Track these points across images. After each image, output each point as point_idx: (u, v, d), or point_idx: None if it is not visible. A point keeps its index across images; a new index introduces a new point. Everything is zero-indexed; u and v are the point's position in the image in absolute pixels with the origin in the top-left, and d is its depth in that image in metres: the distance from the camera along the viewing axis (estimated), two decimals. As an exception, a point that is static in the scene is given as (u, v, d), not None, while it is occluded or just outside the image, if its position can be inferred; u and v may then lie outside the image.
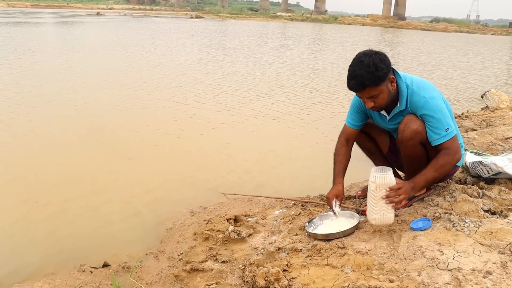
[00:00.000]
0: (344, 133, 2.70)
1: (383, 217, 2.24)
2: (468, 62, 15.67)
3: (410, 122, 2.37)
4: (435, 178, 2.32)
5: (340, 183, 2.59)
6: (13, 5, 70.69)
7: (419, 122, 2.36)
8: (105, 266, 2.56)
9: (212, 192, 3.63)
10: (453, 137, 2.31)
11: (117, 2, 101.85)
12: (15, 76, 8.65)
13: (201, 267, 2.40)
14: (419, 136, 2.36)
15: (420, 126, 2.35)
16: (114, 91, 7.66)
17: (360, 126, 2.68)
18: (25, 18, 35.19)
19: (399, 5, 65.98)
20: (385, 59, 2.28)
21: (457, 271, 1.82)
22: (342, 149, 2.67)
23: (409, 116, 2.40)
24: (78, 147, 4.68)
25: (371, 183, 2.24)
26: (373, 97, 2.32)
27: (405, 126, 2.38)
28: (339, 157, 2.66)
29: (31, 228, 3.01)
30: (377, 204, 2.23)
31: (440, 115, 2.29)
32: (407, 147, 2.43)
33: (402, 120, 2.42)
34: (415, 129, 2.35)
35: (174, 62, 12.02)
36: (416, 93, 2.35)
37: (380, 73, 2.24)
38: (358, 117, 2.65)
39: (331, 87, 9.00)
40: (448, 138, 2.29)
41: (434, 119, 2.30)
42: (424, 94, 2.33)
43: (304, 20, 58.46)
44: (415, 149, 2.41)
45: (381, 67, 2.24)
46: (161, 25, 33.42)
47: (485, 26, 58.43)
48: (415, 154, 2.43)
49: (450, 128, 2.30)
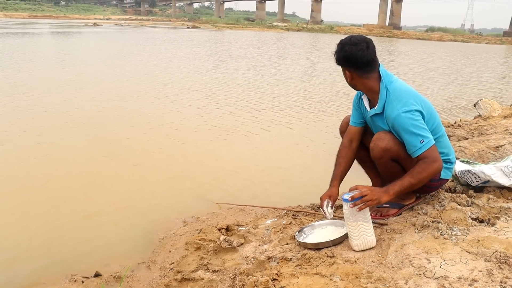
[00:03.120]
0: (348, 134, 2.72)
1: (364, 242, 2.22)
2: (461, 71, 15.78)
3: (378, 141, 2.41)
4: (411, 184, 2.27)
5: (335, 186, 2.59)
6: (10, 16, 70.99)
7: (387, 140, 2.39)
8: (96, 275, 2.56)
9: (205, 202, 3.64)
10: (430, 147, 2.28)
11: (114, 12, 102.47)
12: (17, 86, 8.67)
13: (192, 277, 2.40)
14: (389, 153, 2.39)
15: (389, 144, 2.38)
16: (115, 101, 7.69)
17: (362, 124, 2.67)
18: (23, 29, 35.30)
19: (394, 15, 66.59)
20: (361, 55, 2.36)
21: (443, 279, 1.84)
22: (343, 151, 2.68)
23: (378, 134, 2.45)
24: (74, 157, 4.69)
25: (344, 211, 2.24)
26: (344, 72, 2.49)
27: (374, 144, 2.43)
28: (339, 160, 2.68)
29: (23, 237, 3.01)
30: (355, 229, 2.22)
31: (412, 128, 2.28)
32: (379, 165, 2.48)
33: (373, 138, 2.46)
34: (383, 147, 2.39)
35: (174, 71, 12.08)
36: (392, 103, 2.36)
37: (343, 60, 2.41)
38: (358, 113, 2.68)
39: (327, 97, 9.04)
40: (424, 149, 2.28)
41: (407, 134, 2.30)
42: (398, 107, 2.32)
43: (300, 30, 58.88)
44: (388, 166, 2.45)
45: (351, 58, 2.37)
46: (157, 35, 33.57)
47: (479, 35, 58.96)
48: (388, 170, 2.47)
49: (425, 139, 2.28)
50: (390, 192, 2.25)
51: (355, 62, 2.38)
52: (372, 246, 2.24)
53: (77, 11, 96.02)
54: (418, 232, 2.29)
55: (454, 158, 2.61)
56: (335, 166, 2.68)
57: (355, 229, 2.22)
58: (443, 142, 2.50)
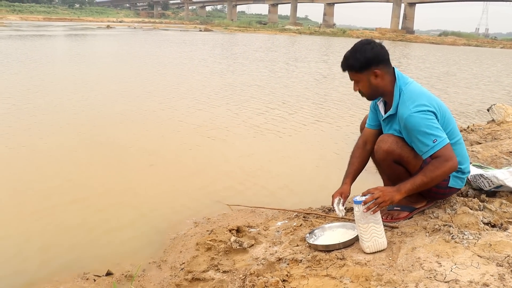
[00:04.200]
0: (363, 135, 2.72)
1: (375, 243, 2.22)
2: (476, 75, 15.65)
3: (381, 143, 2.42)
4: (423, 182, 2.24)
5: (347, 184, 2.59)
6: (26, 19, 71.97)
7: (390, 142, 2.38)
8: (108, 274, 2.59)
9: (216, 203, 3.67)
10: (444, 146, 2.24)
11: (127, 15, 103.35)
12: (33, 86, 8.80)
13: (202, 277, 2.42)
14: (391, 156, 2.39)
15: (392, 146, 2.37)
16: (129, 102, 7.78)
17: (377, 127, 2.66)
18: (38, 31, 35.75)
19: (407, 19, 66.21)
20: (378, 51, 2.35)
21: (454, 282, 1.83)
22: (357, 151, 2.68)
23: (382, 136, 2.46)
24: (87, 157, 4.75)
25: (356, 213, 2.24)
26: (356, 82, 2.43)
27: (377, 146, 2.43)
28: (352, 159, 2.68)
29: (37, 236, 3.06)
30: (366, 231, 2.21)
31: (425, 128, 2.25)
32: (383, 167, 2.50)
33: (377, 140, 2.47)
34: (385, 150, 2.38)
35: (194, 73, 12.16)
36: (405, 103, 2.34)
37: (363, 61, 2.34)
38: (374, 116, 2.67)
39: (341, 100, 9.03)
40: (437, 148, 2.24)
41: (419, 134, 2.27)
42: (411, 107, 2.30)
43: (312, 33, 58.82)
44: (391, 168, 2.45)
45: (369, 56, 2.33)
46: (172, 38, 33.79)
47: (494, 40, 58.33)
48: (393, 172, 2.47)
49: (438, 138, 2.24)
50: (402, 190, 2.24)
51: (383, 57, 2.38)
52: (383, 248, 2.24)
53: (90, 13, 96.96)
54: (429, 235, 2.29)
55: (468, 168, 2.55)
56: (348, 165, 2.68)
57: (366, 231, 2.22)
58: (458, 150, 2.41)
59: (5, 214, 3.39)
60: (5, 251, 2.86)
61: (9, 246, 2.92)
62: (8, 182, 4.01)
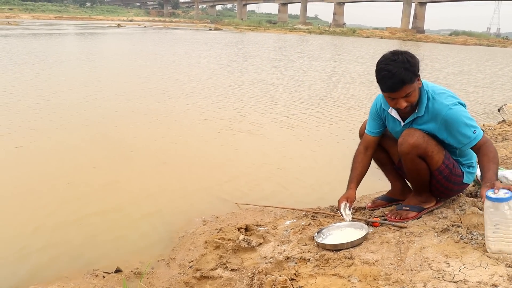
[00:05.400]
0: (364, 141, 2.75)
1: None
2: (486, 75, 15.52)
3: (407, 136, 2.40)
4: (497, 169, 2.22)
5: (352, 188, 2.63)
6: (37, 17, 72.62)
7: (417, 136, 2.38)
8: (117, 271, 2.61)
9: (225, 202, 3.68)
10: (483, 136, 2.30)
11: (138, 14, 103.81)
12: (46, 86, 8.89)
13: (210, 275, 2.43)
14: (416, 150, 2.38)
15: (418, 140, 2.37)
16: (138, 100, 7.82)
17: (379, 133, 2.70)
18: (50, 30, 36.06)
19: (418, 18, 65.76)
20: (414, 55, 2.32)
21: (462, 283, 1.82)
22: (359, 156, 2.71)
23: (408, 130, 2.44)
24: (98, 154, 4.79)
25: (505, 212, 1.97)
26: (408, 95, 2.30)
27: (403, 139, 2.42)
28: (355, 164, 2.71)
29: (47, 232, 3.09)
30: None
31: (465, 120, 2.29)
32: (406, 161, 2.47)
33: (402, 133, 2.45)
34: (412, 143, 2.37)
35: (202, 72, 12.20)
36: (438, 100, 2.35)
37: (415, 69, 2.28)
38: (376, 123, 2.68)
39: (351, 99, 9.01)
40: (479, 138, 2.29)
41: (461, 126, 2.29)
42: (446, 102, 2.33)
43: (322, 33, 58.63)
44: (414, 163, 2.44)
45: (413, 62, 2.28)
46: (184, 37, 33.93)
47: (506, 39, 57.71)
48: (414, 167, 2.46)
49: (477, 129, 2.29)
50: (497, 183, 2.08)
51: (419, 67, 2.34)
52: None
53: (101, 12, 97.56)
54: (437, 235, 2.28)
55: (476, 163, 2.58)
56: (351, 170, 2.72)
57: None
58: None
59: (15, 210, 3.44)
60: (15, 248, 2.89)
61: (19, 242, 2.96)
62: (19, 178, 4.06)
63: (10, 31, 31.57)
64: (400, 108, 2.36)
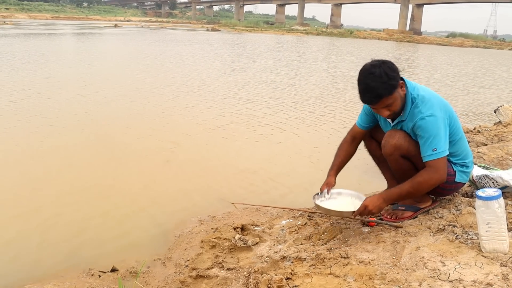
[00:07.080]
0: (351, 131, 2.79)
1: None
2: (482, 77, 15.57)
3: (389, 138, 2.44)
4: (409, 193, 2.35)
5: (331, 175, 2.74)
6: (34, 17, 72.44)
7: (398, 136, 2.41)
8: (113, 270, 2.61)
9: (221, 202, 3.68)
10: (439, 158, 2.28)
11: (135, 14, 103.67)
12: (45, 86, 8.87)
13: (206, 274, 2.43)
14: (399, 150, 2.41)
15: (399, 141, 2.40)
16: (136, 101, 7.82)
17: (368, 128, 2.73)
18: (46, 30, 35.96)
19: (415, 20, 65.95)
20: (393, 66, 2.32)
21: (458, 282, 1.83)
22: (344, 145, 2.78)
23: (390, 131, 2.48)
24: (95, 154, 4.78)
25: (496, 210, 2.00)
26: (388, 106, 2.33)
27: (385, 141, 2.46)
28: (339, 152, 2.79)
29: (43, 232, 3.09)
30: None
31: (430, 135, 2.29)
32: (391, 162, 2.50)
33: (384, 135, 2.49)
34: (393, 144, 2.41)
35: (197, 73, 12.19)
36: (418, 108, 2.35)
37: (393, 82, 2.27)
38: (367, 118, 2.70)
39: (351, 100, 9.02)
40: (433, 158, 2.29)
41: (423, 139, 2.32)
42: (424, 110, 2.33)
43: (319, 34, 58.72)
44: (398, 163, 2.47)
45: (392, 75, 2.27)
46: (181, 37, 33.91)
47: (502, 41, 57.89)
48: (399, 167, 2.49)
49: (439, 149, 2.28)
50: (387, 200, 2.39)
51: (398, 72, 2.34)
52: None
53: (98, 12, 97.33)
54: (433, 235, 2.29)
55: (471, 162, 2.59)
56: (334, 157, 2.80)
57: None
58: (460, 145, 2.49)
59: (11, 210, 3.42)
60: (11, 247, 2.89)
61: (15, 242, 2.95)
62: (15, 178, 4.05)
63: (5, 31, 31.46)
64: (382, 116, 2.43)
